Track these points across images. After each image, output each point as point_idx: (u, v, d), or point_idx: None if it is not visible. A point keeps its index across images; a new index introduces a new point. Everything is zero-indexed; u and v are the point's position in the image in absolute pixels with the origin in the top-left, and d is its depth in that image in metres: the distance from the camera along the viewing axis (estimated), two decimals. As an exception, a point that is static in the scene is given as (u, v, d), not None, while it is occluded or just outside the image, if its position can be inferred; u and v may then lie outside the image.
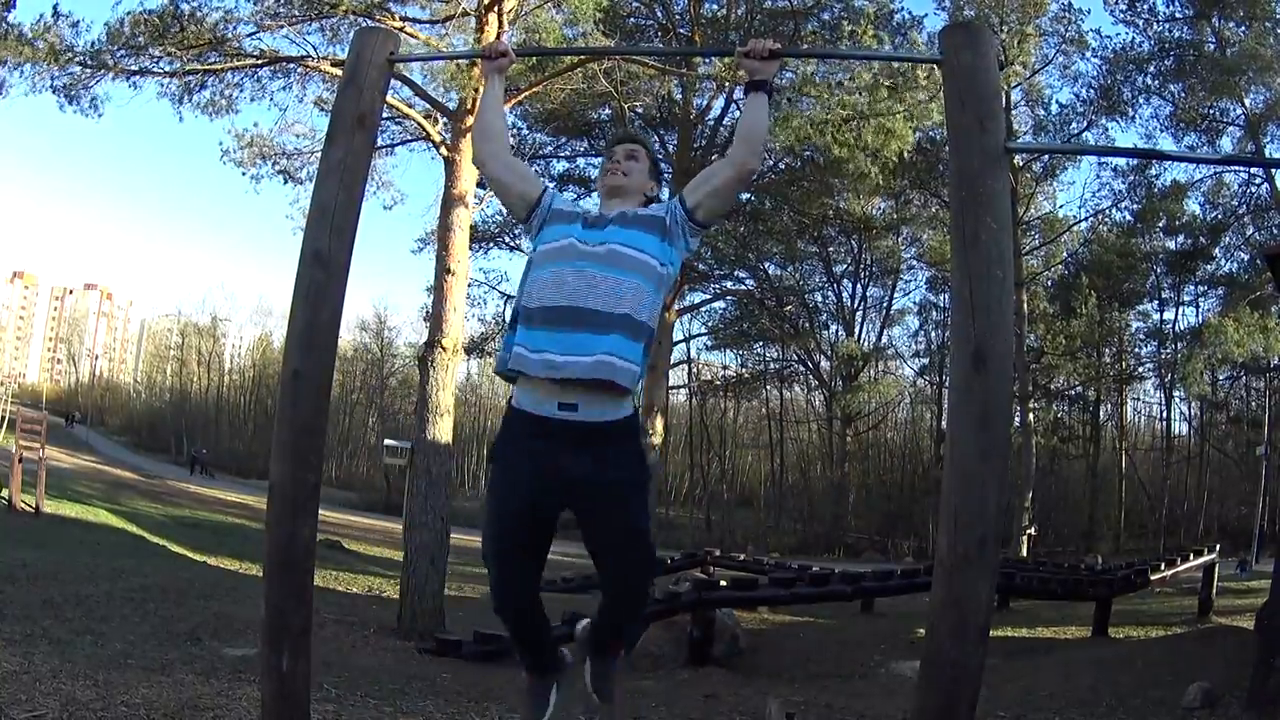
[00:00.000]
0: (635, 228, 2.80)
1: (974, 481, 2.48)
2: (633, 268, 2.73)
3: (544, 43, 12.74)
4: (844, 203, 28.33)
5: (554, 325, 2.67)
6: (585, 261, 2.72)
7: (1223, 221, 31.12)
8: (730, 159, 2.88)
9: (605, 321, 2.65)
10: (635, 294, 2.70)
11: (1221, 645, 9.27)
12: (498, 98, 3.14)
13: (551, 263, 2.77)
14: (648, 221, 2.84)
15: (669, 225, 2.84)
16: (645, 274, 2.75)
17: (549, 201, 2.97)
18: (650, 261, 2.77)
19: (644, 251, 2.77)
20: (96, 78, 13.05)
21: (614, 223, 2.82)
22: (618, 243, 2.76)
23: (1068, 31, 28.74)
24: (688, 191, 2.88)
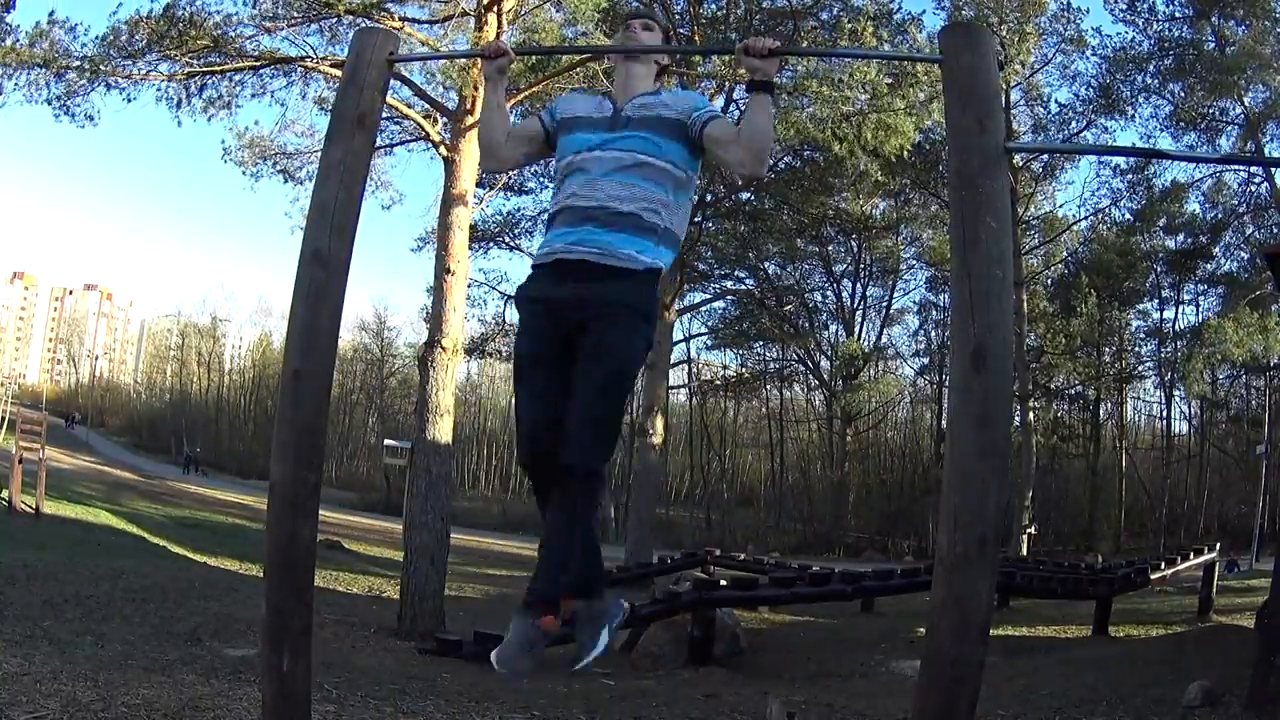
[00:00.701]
0: (654, 133, 2.84)
1: (974, 480, 2.48)
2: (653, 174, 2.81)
3: (543, 42, 12.75)
4: (844, 202, 28.37)
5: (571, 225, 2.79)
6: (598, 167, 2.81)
7: (1222, 221, 31.12)
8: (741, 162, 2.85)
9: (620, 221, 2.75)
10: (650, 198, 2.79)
11: (1222, 644, 9.28)
12: (499, 101, 3.14)
13: (569, 176, 2.87)
14: (668, 125, 2.86)
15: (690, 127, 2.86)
16: (661, 179, 2.82)
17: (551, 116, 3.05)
18: (669, 168, 2.84)
19: (664, 159, 2.83)
20: (93, 85, 13.03)
21: (630, 125, 2.86)
22: (635, 149, 2.81)
23: (1067, 31, 28.76)
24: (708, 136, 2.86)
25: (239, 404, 64.08)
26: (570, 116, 2.98)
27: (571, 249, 2.75)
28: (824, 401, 43.83)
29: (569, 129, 2.95)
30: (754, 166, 2.87)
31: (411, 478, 12.85)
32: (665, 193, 2.82)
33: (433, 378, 11.62)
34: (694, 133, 2.86)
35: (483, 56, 3.17)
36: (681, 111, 2.89)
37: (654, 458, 24.15)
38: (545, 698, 6.50)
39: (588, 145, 2.86)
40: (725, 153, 2.85)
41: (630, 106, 2.91)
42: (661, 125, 2.85)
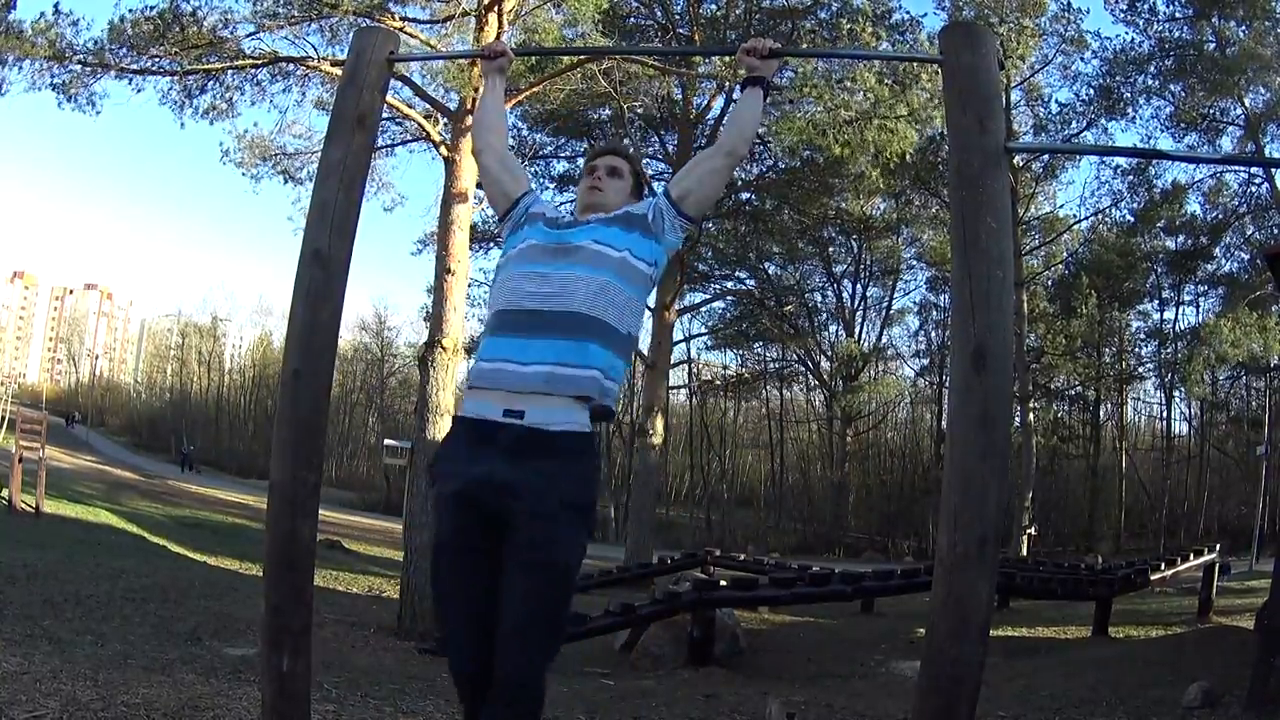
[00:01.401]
0: (613, 225, 2.64)
1: (974, 481, 2.48)
2: (604, 265, 2.53)
3: (543, 43, 12.77)
4: (844, 203, 28.34)
5: (510, 331, 2.49)
6: (548, 262, 2.55)
7: (1223, 221, 31.10)
8: (718, 145, 2.84)
9: (566, 325, 2.45)
10: (605, 294, 2.50)
11: (1221, 645, 9.27)
12: (498, 97, 3.13)
13: (514, 265, 2.62)
14: (627, 219, 2.67)
15: (651, 220, 2.67)
16: (620, 272, 2.55)
17: (528, 204, 2.84)
18: (626, 258, 2.58)
19: (618, 248, 2.58)
20: (97, 76, 13.07)
21: (590, 222, 2.67)
22: (589, 240, 2.58)
23: (1067, 31, 28.75)
24: (673, 183, 2.78)
25: (239, 403, 64.12)
26: (538, 212, 2.78)
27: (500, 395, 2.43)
28: (824, 402, 43.81)
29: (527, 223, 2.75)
30: (736, 144, 2.82)
31: (412, 477, 12.86)
32: (625, 286, 2.55)
33: (433, 377, 11.62)
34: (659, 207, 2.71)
35: (483, 57, 3.18)
36: (641, 207, 2.74)
37: (654, 458, 24.17)
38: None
39: (543, 236, 2.64)
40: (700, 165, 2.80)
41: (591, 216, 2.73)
42: (618, 220, 2.67)
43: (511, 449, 2.38)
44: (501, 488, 2.37)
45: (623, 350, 2.54)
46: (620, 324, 2.52)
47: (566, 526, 2.39)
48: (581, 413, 2.44)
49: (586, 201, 2.80)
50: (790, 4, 20.45)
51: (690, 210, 2.74)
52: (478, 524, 2.42)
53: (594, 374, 2.44)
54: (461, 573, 2.47)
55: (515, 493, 2.35)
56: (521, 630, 2.34)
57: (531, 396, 2.40)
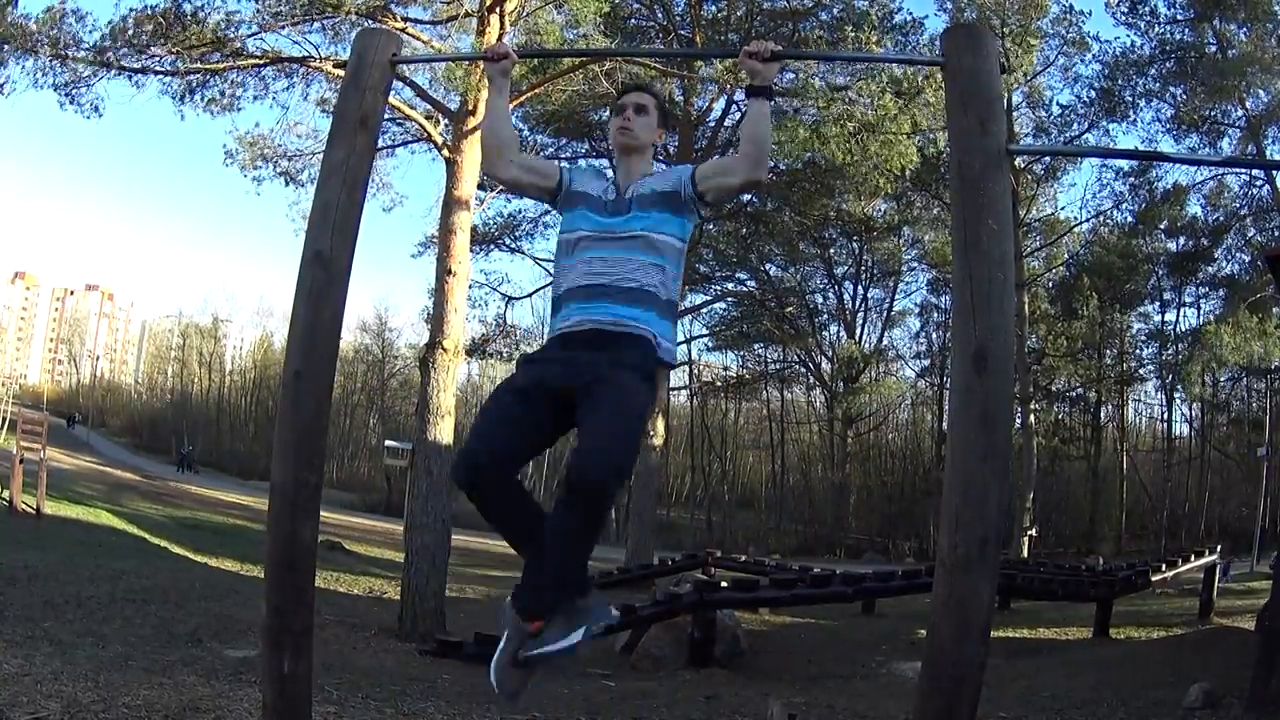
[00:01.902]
0: (655, 210, 2.90)
1: (975, 482, 2.48)
2: (653, 250, 2.86)
3: (545, 44, 12.76)
4: (845, 204, 28.33)
5: (579, 300, 2.82)
6: (605, 249, 2.85)
7: (1224, 223, 31.10)
8: (740, 169, 2.92)
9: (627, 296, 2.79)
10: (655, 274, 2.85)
11: (1222, 646, 9.28)
12: (504, 106, 3.16)
13: (578, 252, 2.89)
14: (665, 199, 2.92)
15: (684, 199, 2.93)
16: (666, 253, 2.89)
17: (568, 182, 3.05)
18: (671, 241, 2.91)
19: (666, 234, 2.89)
20: (99, 75, 13.06)
21: (634, 205, 2.91)
22: (640, 228, 2.87)
23: (1069, 33, 28.76)
24: (700, 175, 2.94)
25: (240, 405, 64.06)
26: (580, 191, 3.02)
27: (582, 322, 2.81)
28: (825, 403, 43.76)
29: (576, 203, 3.00)
30: (753, 171, 2.92)
31: (412, 479, 12.85)
32: (666, 264, 2.89)
33: (434, 379, 11.62)
34: (686, 190, 2.93)
35: (485, 59, 3.20)
36: (673, 182, 2.96)
37: (655, 459, 24.16)
38: (546, 699, 6.50)
39: (594, 226, 2.92)
40: (723, 178, 2.95)
41: (631, 189, 2.95)
42: (659, 201, 2.92)
43: (589, 341, 2.77)
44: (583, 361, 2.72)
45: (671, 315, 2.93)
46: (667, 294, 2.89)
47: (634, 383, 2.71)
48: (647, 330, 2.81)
49: (619, 142, 3.07)
50: (792, 6, 20.44)
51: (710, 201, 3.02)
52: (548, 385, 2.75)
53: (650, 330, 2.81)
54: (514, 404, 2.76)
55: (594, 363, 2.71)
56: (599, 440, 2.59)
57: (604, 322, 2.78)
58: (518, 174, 3.11)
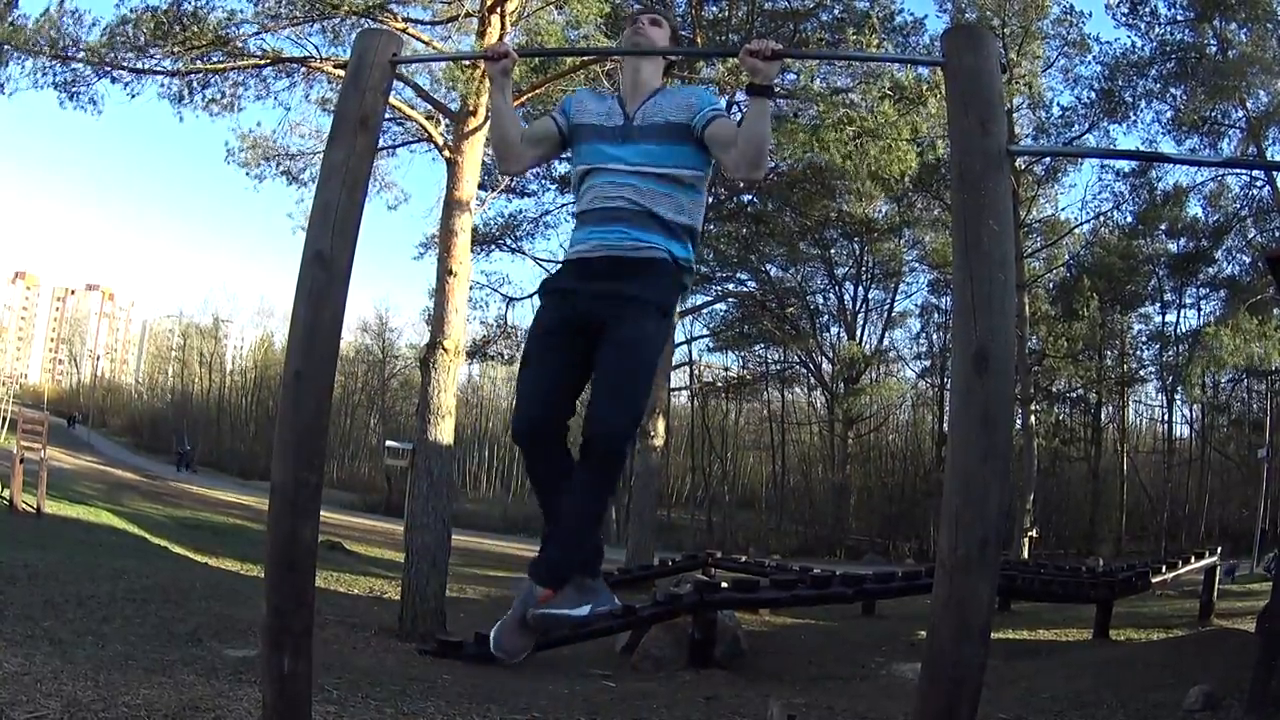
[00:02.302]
0: (668, 141, 2.93)
1: (975, 483, 2.48)
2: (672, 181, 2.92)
3: (546, 44, 12.75)
4: (846, 205, 28.36)
5: (597, 223, 2.91)
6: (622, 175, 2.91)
7: (1224, 224, 31.11)
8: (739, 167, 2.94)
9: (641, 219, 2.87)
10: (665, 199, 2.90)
11: (1222, 648, 9.28)
12: (508, 107, 3.18)
13: (593, 178, 2.97)
14: (675, 130, 2.94)
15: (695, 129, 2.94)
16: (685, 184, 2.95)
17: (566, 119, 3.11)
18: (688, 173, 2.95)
19: (681, 166, 2.94)
20: (99, 75, 13.07)
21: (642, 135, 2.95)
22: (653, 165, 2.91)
23: (1069, 34, 28.78)
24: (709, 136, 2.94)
25: (240, 405, 64.07)
26: (582, 123, 3.06)
27: (597, 248, 2.89)
28: (825, 404, 43.78)
29: (583, 136, 3.05)
30: (750, 171, 2.96)
31: (413, 479, 12.86)
32: (681, 193, 2.94)
33: (434, 379, 11.62)
34: (697, 133, 2.94)
35: (486, 58, 3.22)
36: (686, 114, 2.96)
37: (655, 460, 24.15)
38: (546, 699, 6.50)
39: (600, 156, 2.97)
40: (724, 155, 2.95)
41: (639, 114, 2.99)
42: (669, 131, 2.94)
43: (608, 270, 2.86)
44: (601, 293, 2.83)
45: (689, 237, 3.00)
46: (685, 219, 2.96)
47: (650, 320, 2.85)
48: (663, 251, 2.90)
49: (631, 41, 3.10)
50: (793, 7, 20.45)
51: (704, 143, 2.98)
52: (573, 321, 2.88)
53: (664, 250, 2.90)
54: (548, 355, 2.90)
55: (612, 295, 2.81)
56: (611, 397, 2.75)
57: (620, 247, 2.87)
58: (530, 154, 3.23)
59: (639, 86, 3.05)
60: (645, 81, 3.06)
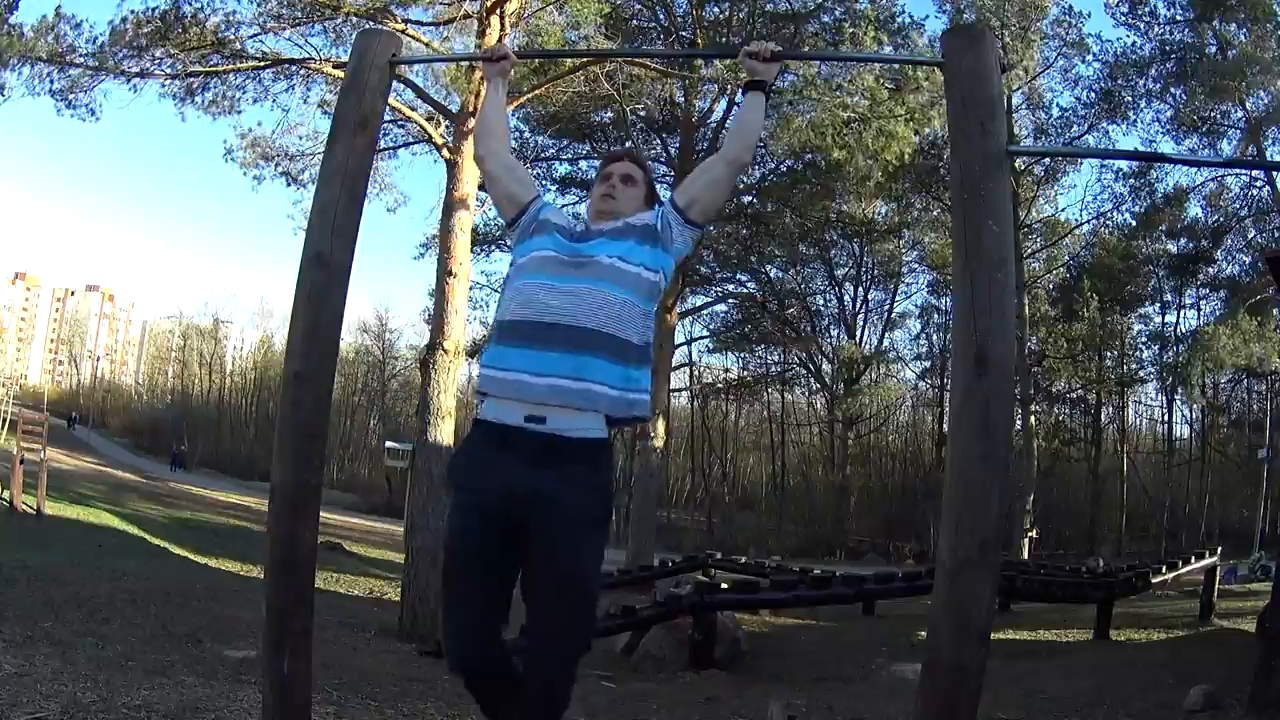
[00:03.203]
0: (625, 238, 2.66)
1: (975, 484, 2.48)
2: (619, 281, 2.56)
3: (546, 46, 12.75)
4: (846, 206, 28.32)
5: (526, 342, 2.50)
6: (567, 276, 2.56)
7: (1224, 225, 31.10)
8: (722, 154, 2.86)
9: (585, 340, 2.47)
10: (621, 309, 2.53)
11: (1223, 648, 9.26)
12: (500, 101, 3.12)
13: (530, 274, 2.61)
14: (638, 231, 2.69)
15: (660, 229, 2.71)
16: (635, 287, 2.59)
17: (538, 210, 2.83)
18: (641, 273, 2.61)
19: (633, 263, 2.61)
20: (96, 79, 13.06)
21: (604, 235, 2.68)
22: (605, 254, 2.60)
23: (1069, 35, 28.79)
24: (679, 192, 2.83)
25: (240, 406, 64.14)
26: (548, 220, 2.77)
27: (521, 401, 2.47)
28: (825, 405, 43.78)
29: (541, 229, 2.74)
30: (739, 152, 2.87)
31: (413, 480, 12.86)
32: (635, 300, 2.58)
33: (434, 380, 11.62)
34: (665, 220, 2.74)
35: (485, 59, 3.19)
36: (649, 217, 2.77)
37: (655, 461, 24.14)
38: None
39: (556, 246, 2.65)
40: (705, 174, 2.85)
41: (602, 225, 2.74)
42: (631, 231, 2.69)
43: (532, 456, 2.44)
44: (523, 496, 2.43)
45: (642, 360, 2.59)
46: (637, 336, 2.56)
47: (587, 535, 2.48)
48: (598, 420, 2.49)
49: (599, 209, 2.82)
50: (793, 8, 20.45)
51: (696, 218, 2.80)
52: (496, 531, 2.48)
53: (611, 391, 2.48)
54: (474, 576, 2.53)
55: (537, 501, 2.42)
56: (550, 640, 2.48)
57: (550, 407, 2.44)
58: (499, 170, 2.96)
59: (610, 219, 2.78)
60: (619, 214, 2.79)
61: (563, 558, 2.45)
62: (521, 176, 3.01)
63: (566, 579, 2.46)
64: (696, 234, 2.85)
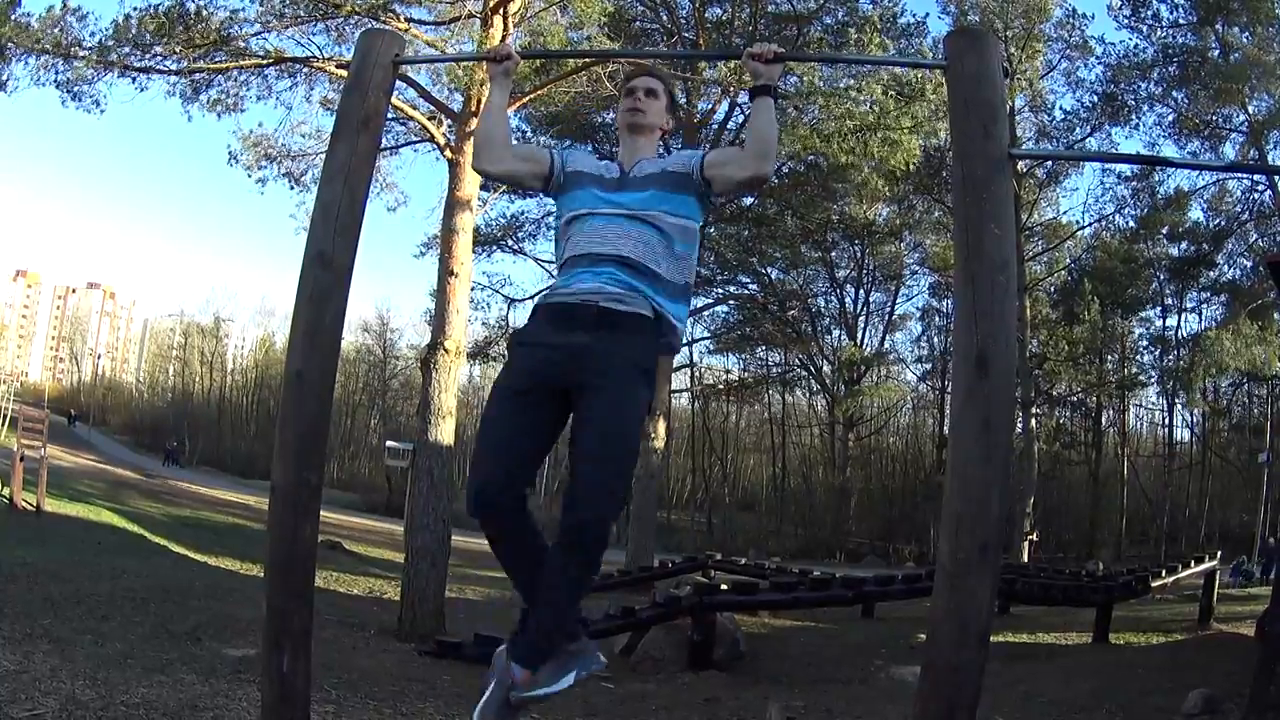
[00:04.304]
0: (666, 189, 2.84)
1: (976, 487, 2.48)
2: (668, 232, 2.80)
3: (549, 46, 12.75)
4: (847, 208, 28.35)
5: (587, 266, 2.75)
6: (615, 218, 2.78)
7: (1225, 228, 31.11)
8: (746, 164, 2.87)
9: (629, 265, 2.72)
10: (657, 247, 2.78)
11: (1222, 652, 9.26)
12: (502, 104, 3.11)
13: (581, 221, 2.83)
14: (675, 180, 2.86)
15: (694, 181, 2.87)
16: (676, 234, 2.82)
17: (562, 162, 2.99)
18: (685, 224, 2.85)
19: (679, 215, 2.84)
20: (101, 74, 13.07)
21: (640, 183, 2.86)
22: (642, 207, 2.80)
23: (1071, 37, 28.80)
24: (709, 163, 2.89)
25: (241, 404, 64.15)
26: (576, 171, 2.95)
27: (580, 293, 2.72)
28: (826, 406, 43.78)
29: (575, 183, 2.93)
30: (759, 166, 2.88)
31: (413, 480, 12.86)
32: (675, 244, 2.82)
33: (435, 380, 11.62)
34: (696, 174, 2.87)
35: (488, 59, 3.18)
36: (683, 164, 2.91)
37: (655, 461, 24.13)
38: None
39: (595, 201, 2.85)
40: (728, 169, 2.89)
41: (636, 169, 2.90)
42: (666, 180, 2.85)
43: (588, 322, 2.68)
44: (578, 350, 2.65)
45: (682, 297, 2.86)
46: (671, 274, 2.81)
47: (632, 385, 2.68)
48: (646, 305, 2.73)
49: (628, 121, 3.01)
50: (796, 9, 20.45)
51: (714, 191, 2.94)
52: (544, 386, 2.69)
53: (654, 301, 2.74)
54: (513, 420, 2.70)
55: (589, 355, 2.64)
56: (596, 482, 2.60)
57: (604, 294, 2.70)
58: (507, 168, 3.07)
59: (636, 154, 2.97)
60: (641, 149, 2.98)
61: (610, 410, 2.63)
62: (528, 154, 3.12)
63: (611, 429, 2.63)
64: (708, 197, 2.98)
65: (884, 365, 43.30)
